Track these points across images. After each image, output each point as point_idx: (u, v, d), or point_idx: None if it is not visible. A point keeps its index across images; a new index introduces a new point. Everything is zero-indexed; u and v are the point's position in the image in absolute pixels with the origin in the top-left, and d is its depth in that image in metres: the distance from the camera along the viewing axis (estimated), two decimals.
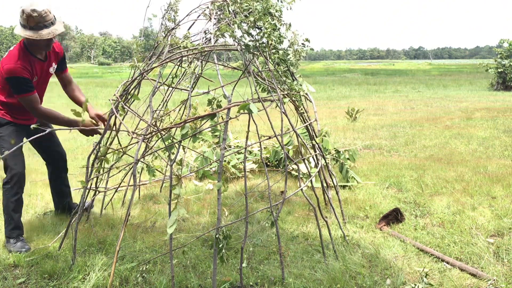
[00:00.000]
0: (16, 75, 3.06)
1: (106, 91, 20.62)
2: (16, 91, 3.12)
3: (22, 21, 3.02)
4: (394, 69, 47.52)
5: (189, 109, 2.77)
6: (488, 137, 7.73)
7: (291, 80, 3.35)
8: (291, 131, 3.20)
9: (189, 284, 2.76)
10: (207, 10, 3.39)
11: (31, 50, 3.17)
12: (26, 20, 2.99)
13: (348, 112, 10.61)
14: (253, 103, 2.66)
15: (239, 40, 2.99)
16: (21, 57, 3.12)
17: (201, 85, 3.87)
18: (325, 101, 16.19)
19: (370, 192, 4.60)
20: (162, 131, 2.72)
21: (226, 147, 3.53)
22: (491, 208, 4.01)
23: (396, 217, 3.73)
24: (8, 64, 3.07)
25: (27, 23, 3.00)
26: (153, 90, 2.92)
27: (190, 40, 3.23)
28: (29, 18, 2.98)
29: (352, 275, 2.83)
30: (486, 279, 2.73)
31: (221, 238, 2.58)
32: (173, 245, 3.28)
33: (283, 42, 3.17)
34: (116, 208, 4.25)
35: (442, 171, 5.36)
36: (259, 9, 3.01)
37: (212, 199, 4.47)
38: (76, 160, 6.76)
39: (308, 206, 4.09)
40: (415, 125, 9.53)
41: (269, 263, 3.04)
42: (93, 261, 3.04)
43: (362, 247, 3.26)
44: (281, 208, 2.88)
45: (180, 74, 3.62)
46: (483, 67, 22.36)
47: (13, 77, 3.06)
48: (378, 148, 7.18)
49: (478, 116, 10.69)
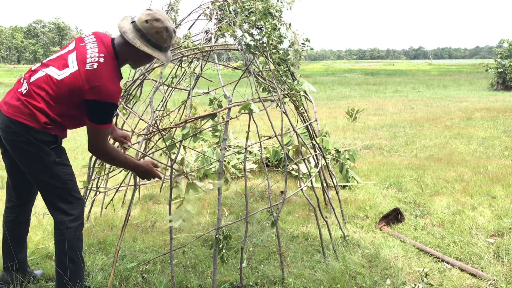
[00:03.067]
0: (113, 102, 2.24)
1: None
2: (98, 120, 2.26)
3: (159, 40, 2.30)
4: (394, 69, 47.52)
5: (189, 109, 2.77)
6: (488, 137, 7.73)
7: (291, 80, 3.35)
8: (291, 131, 3.20)
9: (189, 284, 2.76)
10: (208, 10, 3.39)
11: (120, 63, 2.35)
12: (166, 41, 2.32)
13: (348, 112, 10.61)
14: (254, 103, 2.66)
15: (240, 39, 3.00)
16: (117, 75, 2.30)
17: (201, 85, 3.86)
18: (325, 101, 16.19)
19: (370, 192, 4.60)
20: (163, 131, 2.72)
21: (226, 147, 3.53)
22: (491, 208, 4.01)
23: (396, 217, 3.73)
24: (107, 84, 2.20)
25: (166, 44, 2.34)
26: (153, 90, 2.92)
27: (191, 40, 3.23)
28: (171, 38, 2.34)
29: (352, 275, 2.83)
30: (486, 279, 2.73)
31: (221, 238, 2.58)
32: (173, 245, 3.28)
33: (283, 42, 3.17)
34: (116, 208, 4.25)
35: (442, 171, 5.36)
36: (260, 9, 3.01)
37: (212, 199, 4.47)
38: (76, 160, 6.76)
39: (308, 206, 4.09)
40: (415, 125, 9.54)
41: (269, 263, 3.04)
42: (93, 261, 3.04)
43: (362, 247, 3.26)
44: (281, 208, 2.89)
45: (180, 74, 3.62)
46: (483, 67, 22.38)
47: (109, 103, 2.23)
48: (378, 148, 7.18)
49: (478, 116, 10.70)
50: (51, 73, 2.25)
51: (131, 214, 4.06)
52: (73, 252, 2.37)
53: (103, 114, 2.26)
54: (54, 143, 2.29)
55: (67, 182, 2.36)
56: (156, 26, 2.26)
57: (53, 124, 2.26)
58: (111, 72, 2.24)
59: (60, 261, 2.38)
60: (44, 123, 2.22)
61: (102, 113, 2.25)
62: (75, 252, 2.38)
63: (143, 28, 2.26)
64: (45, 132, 2.24)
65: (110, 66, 2.25)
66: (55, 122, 2.26)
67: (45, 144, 2.25)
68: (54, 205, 2.39)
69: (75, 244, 2.39)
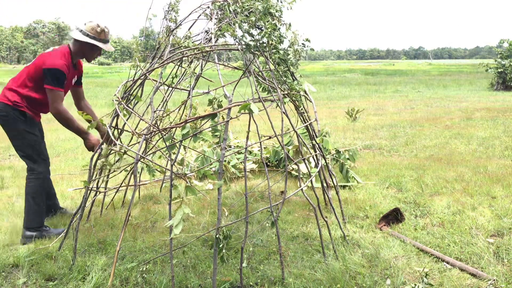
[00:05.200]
0: (58, 68, 3.28)
1: (106, 91, 20.62)
2: (50, 82, 3.27)
3: (93, 33, 3.41)
4: (394, 69, 47.51)
5: (189, 109, 2.77)
6: (488, 137, 7.73)
7: (291, 80, 3.35)
8: (291, 131, 3.20)
9: (189, 284, 2.76)
10: (208, 10, 3.39)
11: (74, 56, 3.48)
12: (99, 34, 3.43)
13: (348, 112, 10.61)
14: (254, 103, 2.66)
15: (240, 39, 3.00)
16: (66, 58, 3.41)
17: (201, 85, 3.87)
18: (325, 101, 16.19)
19: (370, 192, 4.60)
20: (163, 131, 2.72)
21: (226, 147, 3.53)
22: (491, 208, 4.01)
23: (396, 217, 3.73)
24: (53, 59, 3.30)
25: (99, 36, 3.43)
26: (154, 90, 2.92)
27: (191, 40, 3.23)
28: (102, 32, 3.44)
29: (352, 275, 2.83)
30: (486, 279, 2.73)
31: (221, 238, 2.58)
32: (173, 245, 3.28)
33: (283, 42, 3.17)
34: (116, 208, 4.25)
35: (442, 171, 5.36)
36: (260, 9, 3.01)
37: (212, 199, 4.47)
38: (76, 160, 6.77)
39: (308, 206, 4.10)
40: (415, 125, 9.54)
41: (269, 263, 3.04)
42: (93, 261, 3.05)
43: (362, 247, 3.26)
44: (281, 208, 2.89)
45: (180, 74, 3.62)
46: (483, 67, 22.34)
47: (54, 69, 3.26)
48: (378, 148, 7.18)
49: (478, 116, 10.70)
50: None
51: (131, 214, 4.06)
52: (35, 197, 3.46)
53: (56, 78, 3.28)
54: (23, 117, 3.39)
55: (35, 146, 3.44)
56: (94, 25, 3.42)
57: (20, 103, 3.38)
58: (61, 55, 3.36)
59: (27, 200, 3.49)
60: (14, 101, 3.37)
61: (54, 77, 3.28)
62: (36, 197, 3.46)
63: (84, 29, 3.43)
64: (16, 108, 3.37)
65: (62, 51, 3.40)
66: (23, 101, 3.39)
67: (18, 118, 3.38)
68: (28, 162, 3.47)
69: (37, 192, 3.47)
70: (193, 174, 5.30)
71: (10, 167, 6.23)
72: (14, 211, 4.18)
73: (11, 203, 4.46)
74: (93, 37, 3.42)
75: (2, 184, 5.36)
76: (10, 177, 5.63)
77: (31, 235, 3.47)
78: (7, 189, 5.18)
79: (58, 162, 6.60)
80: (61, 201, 4.40)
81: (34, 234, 3.48)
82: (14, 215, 4.03)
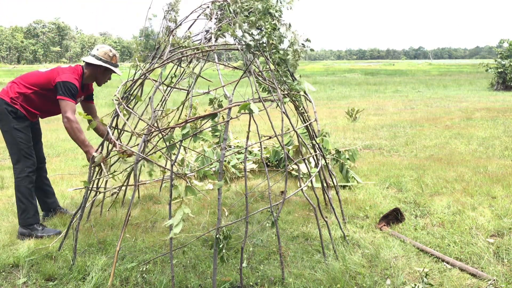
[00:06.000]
0: (72, 82, 3.50)
1: (106, 91, 20.59)
2: (63, 93, 3.45)
3: (106, 58, 3.65)
4: (394, 69, 47.52)
5: (189, 109, 2.77)
6: (488, 137, 7.73)
7: (291, 80, 3.35)
8: (291, 131, 3.20)
9: (189, 284, 2.76)
10: (208, 10, 3.39)
11: (85, 78, 3.71)
12: (111, 58, 3.68)
13: (348, 112, 10.61)
14: (254, 103, 2.66)
15: (240, 39, 2.99)
16: (79, 76, 3.67)
17: (201, 85, 3.87)
18: (325, 101, 16.19)
19: (370, 192, 4.60)
20: (163, 131, 2.72)
21: (226, 147, 3.53)
22: (491, 208, 4.01)
23: (396, 217, 3.73)
24: (68, 75, 3.52)
25: (111, 60, 3.68)
26: (153, 90, 2.92)
27: (191, 40, 3.23)
28: (114, 57, 3.70)
29: (352, 275, 2.83)
30: (486, 279, 2.73)
31: (221, 238, 2.58)
32: (173, 245, 3.28)
33: (283, 42, 3.17)
34: (116, 208, 4.25)
35: (442, 171, 5.36)
36: (259, 9, 3.01)
37: (212, 199, 4.47)
38: (76, 160, 6.77)
39: (308, 206, 4.10)
40: (415, 125, 9.54)
41: (269, 263, 3.04)
42: (93, 261, 3.04)
43: (362, 247, 3.26)
44: (281, 208, 2.88)
45: (179, 74, 3.62)
46: (483, 67, 22.35)
47: (69, 82, 3.48)
48: (378, 148, 7.18)
49: (478, 116, 10.70)
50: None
51: (131, 214, 4.06)
52: (21, 195, 3.56)
53: (69, 90, 3.46)
54: (14, 114, 3.52)
55: (20, 144, 3.52)
56: (106, 50, 3.66)
57: (16, 100, 3.54)
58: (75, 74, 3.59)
59: (16, 198, 3.61)
60: (11, 97, 3.53)
61: (68, 89, 3.46)
62: (22, 195, 3.56)
63: (97, 54, 3.65)
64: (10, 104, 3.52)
65: (75, 72, 3.62)
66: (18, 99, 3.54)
67: (10, 114, 3.51)
68: (12, 158, 3.59)
69: (23, 189, 3.55)
70: (193, 174, 5.30)
71: (10, 167, 6.22)
72: (14, 211, 4.18)
73: (11, 203, 4.46)
74: (105, 61, 3.65)
75: (2, 184, 5.36)
76: (10, 177, 5.63)
77: (23, 232, 3.58)
78: (7, 189, 5.19)
79: (58, 162, 6.61)
80: (61, 201, 4.41)
81: (26, 232, 3.57)
82: (14, 215, 4.03)
